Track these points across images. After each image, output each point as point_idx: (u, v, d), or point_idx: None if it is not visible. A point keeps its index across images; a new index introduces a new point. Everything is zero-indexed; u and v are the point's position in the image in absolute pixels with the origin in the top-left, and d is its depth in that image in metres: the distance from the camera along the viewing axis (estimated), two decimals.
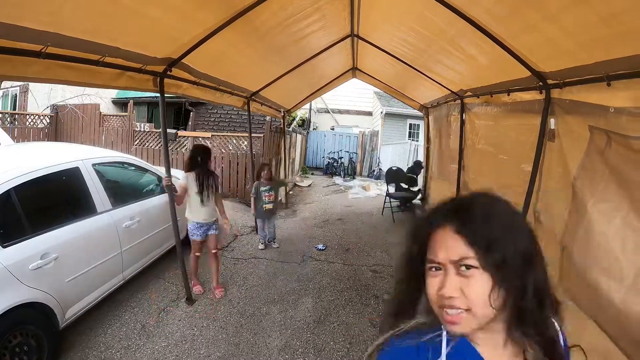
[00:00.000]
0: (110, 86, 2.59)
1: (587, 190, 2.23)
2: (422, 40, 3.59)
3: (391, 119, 13.92)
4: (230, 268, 4.20)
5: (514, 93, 3.15)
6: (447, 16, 2.47)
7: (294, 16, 3.17)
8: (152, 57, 2.63)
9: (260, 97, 5.32)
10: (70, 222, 2.67)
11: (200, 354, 2.66)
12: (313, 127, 15.58)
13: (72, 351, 2.59)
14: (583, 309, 2.22)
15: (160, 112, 3.19)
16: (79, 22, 1.86)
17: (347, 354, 2.75)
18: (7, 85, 10.76)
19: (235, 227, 5.71)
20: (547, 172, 2.72)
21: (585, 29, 1.71)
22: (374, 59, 5.28)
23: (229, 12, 2.55)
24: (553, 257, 2.56)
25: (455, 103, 5.03)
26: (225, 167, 7.33)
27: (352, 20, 3.88)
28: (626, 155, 1.89)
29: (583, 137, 2.24)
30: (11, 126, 8.17)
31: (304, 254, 4.78)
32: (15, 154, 3.08)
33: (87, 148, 3.86)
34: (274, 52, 3.94)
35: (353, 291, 3.76)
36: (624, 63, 1.70)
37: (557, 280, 2.52)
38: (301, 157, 12.79)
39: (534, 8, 1.86)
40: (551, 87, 2.52)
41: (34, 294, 2.24)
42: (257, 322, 3.12)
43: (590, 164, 2.19)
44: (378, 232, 6.00)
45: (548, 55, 2.28)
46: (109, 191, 3.11)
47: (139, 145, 8.11)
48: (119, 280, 3.17)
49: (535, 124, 2.91)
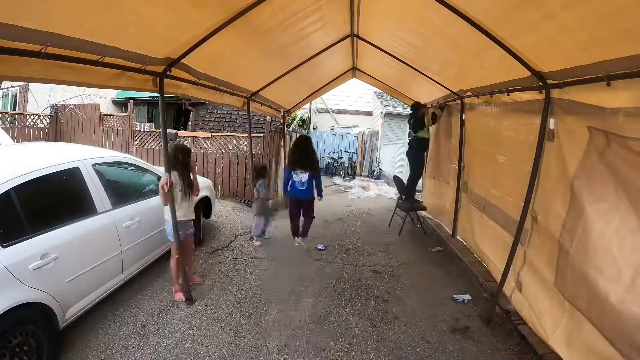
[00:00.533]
0: (109, 86, 2.59)
1: (585, 190, 2.23)
2: (421, 40, 3.60)
3: (391, 119, 13.92)
4: (230, 268, 4.20)
5: (514, 93, 3.15)
6: (446, 16, 2.47)
7: (294, 16, 3.17)
8: (152, 57, 2.63)
9: (260, 97, 5.32)
10: (70, 222, 2.67)
11: (200, 354, 2.66)
12: (313, 127, 15.59)
13: (72, 351, 2.59)
14: (580, 309, 2.22)
15: (160, 112, 3.19)
16: (79, 22, 1.86)
17: (347, 354, 2.75)
18: (7, 85, 10.77)
19: (235, 227, 5.72)
20: (546, 172, 2.72)
21: (585, 29, 1.71)
22: (373, 58, 5.28)
23: (228, 12, 2.55)
24: (551, 256, 2.56)
25: (455, 103, 5.02)
26: (225, 167, 7.33)
27: (352, 20, 3.88)
28: (625, 156, 1.90)
29: (582, 138, 2.24)
30: (11, 126, 8.17)
31: (304, 254, 4.78)
32: (15, 154, 3.08)
33: (87, 148, 3.85)
34: (274, 52, 3.94)
35: (353, 291, 3.76)
36: (624, 63, 1.70)
37: (553, 279, 2.53)
38: None
39: (534, 7, 1.86)
40: (551, 87, 2.52)
41: (34, 294, 2.24)
42: (257, 322, 3.12)
43: (589, 164, 2.19)
44: (378, 232, 6.00)
45: (548, 55, 2.28)
46: (109, 191, 3.11)
47: (139, 145, 8.11)
48: (119, 280, 3.18)
49: (534, 124, 2.91)
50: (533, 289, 2.84)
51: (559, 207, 2.48)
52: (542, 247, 2.68)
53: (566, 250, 2.35)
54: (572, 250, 2.29)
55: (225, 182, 7.36)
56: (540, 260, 2.74)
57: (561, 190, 2.46)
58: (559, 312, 2.42)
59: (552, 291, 2.53)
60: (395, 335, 3.02)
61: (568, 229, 2.37)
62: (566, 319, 2.34)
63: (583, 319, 2.15)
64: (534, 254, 2.85)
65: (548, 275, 2.60)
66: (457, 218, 5.12)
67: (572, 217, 2.33)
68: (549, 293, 2.58)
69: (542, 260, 2.72)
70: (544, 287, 2.66)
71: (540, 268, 2.74)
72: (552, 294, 2.52)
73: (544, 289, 2.67)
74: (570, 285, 2.31)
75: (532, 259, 2.90)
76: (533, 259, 2.87)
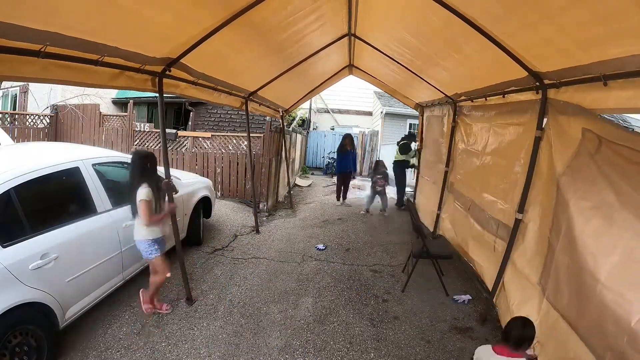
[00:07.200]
0: (109, 86, 2.59)
1: (570, 189, 2.26)
2: (418, 41, 3.60)
3: (391, 119, 13.90)
4: (230, 268, 4.21)
5: (508, 95, 3.16)
6: (444, 16, 2.48)
7: (292, 16, 3.17)
8: (151, 57, 2.63)
9: (258, 97, 5.32)
10: (70, 222, 2.67)
11: (200, 354, 2.67)
12: (313, 127, 15.57)
13: (72, 351, 2.59)
14: (557, 307, 2.24)
15: (159, 112, 3.19)
16: (79, 22, 1.86)
17: (347, 353, 2.75)
18: (7, 85, 10.78)
19: (235, 227, 5.72)
20: (537, 171, 2.75)
21: (582, 29, 1.71)
22: (370, 58, 5.29)
23: (227, 11, 2.55)
24: (543, 252, 2.57)
25: (449, 105, 5.05)
26: (225, 167, 7.33)
27: (350, 20, 3.88)
28: (614, 160, 1.92)
29: (574, 138, 2.26)
30: (11, 126, 8.17)
31: (304, 253, 4.78)
32: (15, 154, 3.08)
33: (87, 148, 3.85)
34: (272, 51, 3.94)
35: (353, 291, 3.77)
36: (620, 63, 1.70)
37: (538, 276, 2.54)
38: (301, 157, 12.78)
39: (532, 8, 1.86)
40: (548, 87, 2.53)
41: (34, 294, 2.24)
42: (257, 322, 3.12)
43: (577, 164, 2.21)
44: (378, 232, 6.00)
45: (545, 55, 2.28)
46: (109, 191, 3.11)
47: (139, 145, 8.10)
48: (119, 280, 3.18)
49: (528, 124, 2.93)
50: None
51: (548, 206, 2.51)
52: (538, 245, 2.69)
53: (553, 247, 2.37)
54: (558, 247, 2.30)
55: (225, 182, 7.36)
56: (524, 259, 2.79)
57: (551, 188, 2.49)
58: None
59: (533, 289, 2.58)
60: (395, 335, 3.02)
61: (555, 227, 2.39)
62: (542, 317, 2.37)
63: (558, 316, 2.19)
64: (519, 255, 2.90)
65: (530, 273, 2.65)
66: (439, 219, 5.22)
67: (559, 215, 2.35)
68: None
69: (525, 259, 2.76)
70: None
71: (523, 267, 2.79)
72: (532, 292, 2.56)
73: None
74: (553, 283, 2.33)
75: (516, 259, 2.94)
76: (518, 259, 2.92)
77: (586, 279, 1.95)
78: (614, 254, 1.80)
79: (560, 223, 2.30)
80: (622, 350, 1.63)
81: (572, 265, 2.11)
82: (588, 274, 1.94)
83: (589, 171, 2.07)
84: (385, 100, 13.78)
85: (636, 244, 1.69)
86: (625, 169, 1.81)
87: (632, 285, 1.67)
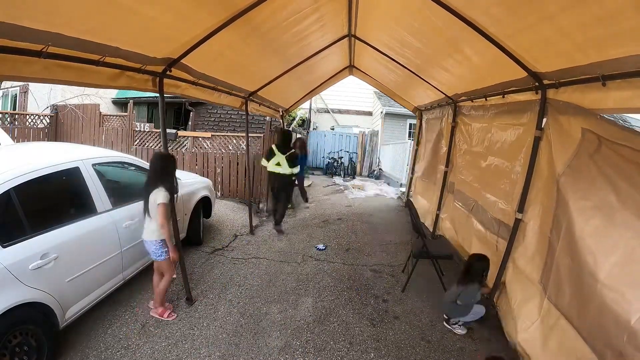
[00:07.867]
0: (109, 86, 2.59)
1: (570, 189, 2.27)
2: (419, 42, 3.61)
3: (391, 119, 13.93)
4: (230, 268, 4.21)
5: (508, 95, 3.17)
6: (444, 17, 2.48)
7: (293, 16, 3.18)
8: (152, 57, 2.63)
9: (258, 97, 5.32)
10: (70, 222, 2.67)
11: (200, 354, 2.67)
12: (313, 127, 15.58)
13: (72, 351, 2.59)
14: (558, 307, 2.24)
15: (160, 112, 3.19)
16: (80, 22, 1.86)
17: (347, 353, 2.75)
18: (7, 85, 10.79)
19: (235, 227, 5.72)
20: (537, 171, 2.76)
21: (581, 30, 1.72)
22: (370, 58, 5.30)
23: (228, 12, 2.55)
24: (543, 252, 2.57)
25: (448, 106, 5.06)
26: (225, 167, 7.33)
27: (350, 21, 3.89)
28: (614, 160, 1.92)
29: (573, 138, 2.27)
30: (11, 126, 8.17)
31: (304, 253, 4.78)
32: (15, 154, 3.08)
33: (86, 148, 3.85)
34: (272, 52, 3.94)
35: (353, 291, 3.77)
36: (619, 63, 1.70)
37: (539, 275, 2.54)
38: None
39: (531, 9, 1.86)
40: (547, 88, 2.53)
41: (34, 294, 2.24)
42: (257, 322, 3.12)
43: (577, 164, 2.22)
44: (378, 232, 6.00)
45: (544, 56, 2.29)
46: (109, 191, 3.11)
47: (139, 145, 8.11)
48: (119, 280, 3.18)
49: (528, 124, 2.94)
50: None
51: (548, 205, 2.52)
52: (538, 245, 2.70)
53: (554, 247, 2.38)
54: (558, 247, 2.31)
55: (225, 182, 7.36)
56: (525, 258, 2.80)
57: (552, 188, 2.50)
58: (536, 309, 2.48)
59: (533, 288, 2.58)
60: (395, 335, 3.02)
61: (556, 226, 2.40)
62: (543, 316, 2.38)
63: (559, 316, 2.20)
64: (520, 254, 2.90)
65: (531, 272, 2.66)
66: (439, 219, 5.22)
67: (559, 214, 2.36)
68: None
69: (526, 258, 2.77)
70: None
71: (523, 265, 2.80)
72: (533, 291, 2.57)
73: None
74: (554, 282, 2.34)
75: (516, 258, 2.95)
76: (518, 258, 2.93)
77: (586, 278, 1.96)
78: (614, 254, 1.81)
79: (561, 223, 2.31)
80: (622, 348, 1.63)
81: (573, 265, 2.12)
82: (588, 274, 1.94)
83: (589, 171, 2.08)
84: (385, 100, 13.79)
85: (636, 243, 1.69)
86: (625, 168, 1.82)
87: (632, 285, 1.68)
